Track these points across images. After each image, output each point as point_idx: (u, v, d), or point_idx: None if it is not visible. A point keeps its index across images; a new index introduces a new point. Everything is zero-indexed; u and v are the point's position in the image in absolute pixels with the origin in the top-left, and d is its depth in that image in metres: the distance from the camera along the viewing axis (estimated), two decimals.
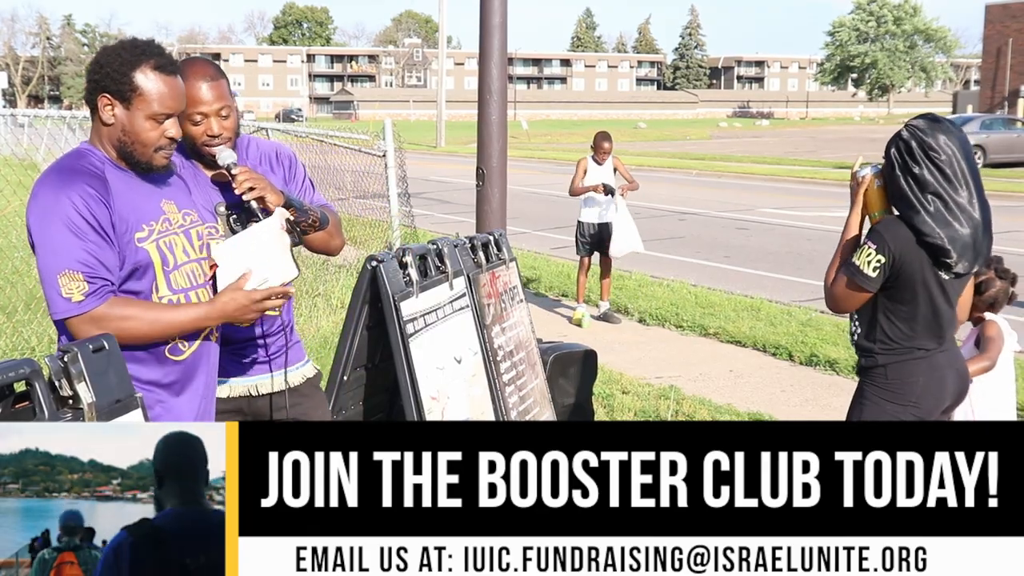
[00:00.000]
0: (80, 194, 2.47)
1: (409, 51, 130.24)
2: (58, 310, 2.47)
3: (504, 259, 4.71)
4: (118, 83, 2.57)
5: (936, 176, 3.10)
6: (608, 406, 6.41)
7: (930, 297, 3.20)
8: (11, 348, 6.87)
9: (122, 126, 2.58)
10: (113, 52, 2.60)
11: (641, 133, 60.99)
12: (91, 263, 2.46)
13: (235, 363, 3.17)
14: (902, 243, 3.15)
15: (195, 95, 2.87)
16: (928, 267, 3.16)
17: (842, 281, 3.28)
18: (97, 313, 2.46)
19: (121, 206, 2.54)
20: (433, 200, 20.30)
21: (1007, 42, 45.78)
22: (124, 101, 2.57)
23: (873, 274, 3.18)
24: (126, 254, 2.55)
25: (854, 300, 3.29)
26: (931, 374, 3.28)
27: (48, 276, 2.47)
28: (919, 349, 3.27)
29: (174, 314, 2.58)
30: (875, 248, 3.17)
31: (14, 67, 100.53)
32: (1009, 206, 18.07)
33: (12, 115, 27.14)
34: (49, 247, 2.47)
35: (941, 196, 3.10)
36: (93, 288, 2.46)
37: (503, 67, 6.28)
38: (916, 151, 3.12)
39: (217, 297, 2.68)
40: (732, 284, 11.12)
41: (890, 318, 3.27)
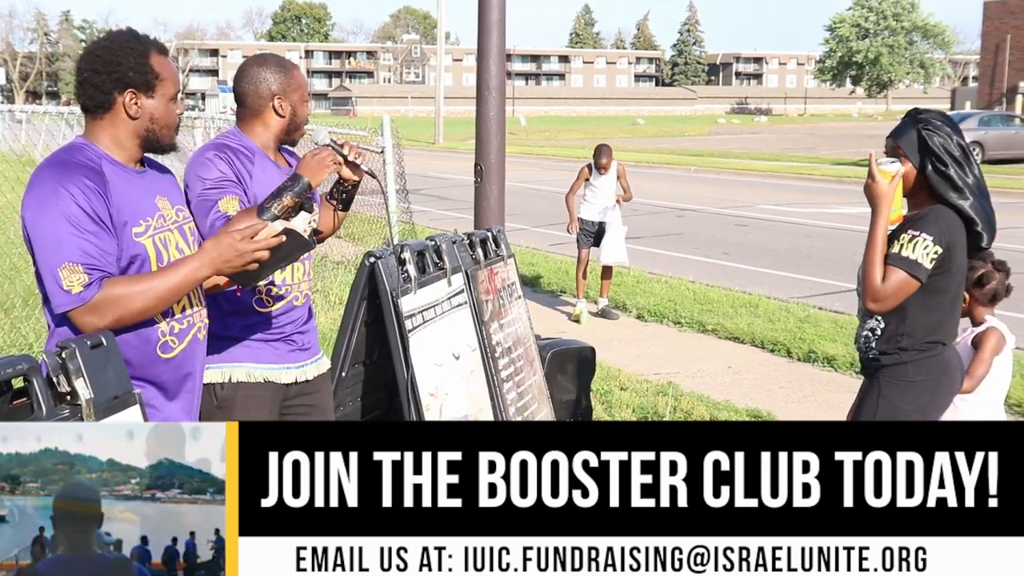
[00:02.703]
0: (77, 186, 2.47)
1: (407, 47, 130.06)
2: (59, 303, 2.45)
3: (502, 255, 4.71)
4: (142, 75, 2.59)
5: (960, 164, 3.20)
6: (606, 402, 6.41)
7: (962, 284, 3.27)
8: (9, 344, 6.87)
9: (149, 115, 2.63)
10: (122, 47, 2.59)
11: (639, 129, 60.94)
12: (91, 253, 2.46)
13: (290, 348, 3.24)
14: (955, 231, 3.18)
15: (303, 81, 3.22)
16: (964, 254, 3.22)
17: (898, 277, 3.17)
18: (95, 301, 2.45)
19: (118, 200, 2.54)
20: (431, 196, 20.29)
21: (1005, 38, 45.79)
22: (149, 91, 2.61)
23: (930, 265, 3.15)
24: (123, 247, 2.55)
25: (904, 295, 3.20)
26: (944, 372, 3.28)
27: (48, 269, 2.46)
28: (938, 344, 3.26)
29: (165, 278, 2.54)
30: (932, 239, 3.15)
31: (12, 63, 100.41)
32: (1008, 202, 18.08)
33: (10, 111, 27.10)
34: (48, 240, 2.46)
35: (971, 183, 3.19)
36: (92, 279, 2.46)
37: (501, 63, 6.27)
38: (939, 142, 3.20)
39: (202, 245, 2.66)
40: (730, 280, 11.12)
41: (926, 312, 3.24)
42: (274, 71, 3.15)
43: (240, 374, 3.14)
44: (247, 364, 3.15)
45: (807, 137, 49.70)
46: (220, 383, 3.12)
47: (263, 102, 3.14)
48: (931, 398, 3.26)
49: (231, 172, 3.02)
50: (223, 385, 3.12)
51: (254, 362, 3.16)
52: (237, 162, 3.05)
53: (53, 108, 14.95)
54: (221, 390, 3.12)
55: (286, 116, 3.17)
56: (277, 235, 2.63)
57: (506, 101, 6.51)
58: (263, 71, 3.15)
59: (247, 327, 3.15)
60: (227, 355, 3.13)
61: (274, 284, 3.15)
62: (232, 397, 3.13)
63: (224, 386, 3.12)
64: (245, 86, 3.16)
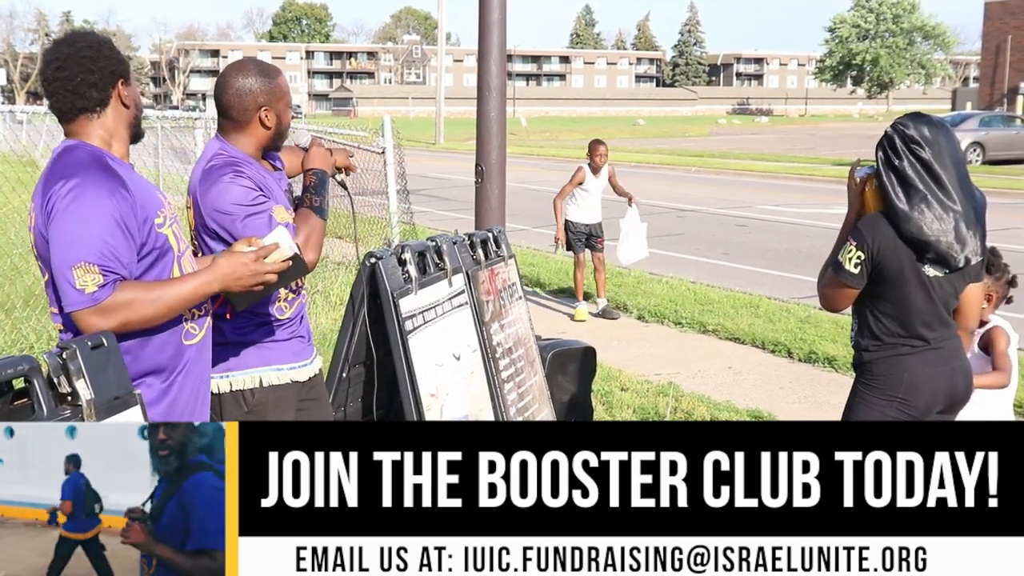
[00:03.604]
0: (101, 187, 2.48)
1: (408, 48, 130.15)
2: (71, 302, 2.44)
3: (503, 256, 4.71)
4: (122, 63, 2.67)
5: (918, 170, 3.13)
6: (607, 403, 6.41)
7: (915, 293, 3.20)
8: (10, 344, 6.87)
9: (135, 102, 2.70)
10: (93, 44, 2.64)
11: (640, 130, 60.94)
12: (107, 255, 2.45)
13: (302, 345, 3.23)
14: (882, 238, 3.18)
15: (286, 86, 3.16)
16: (911, 262, 3.17)
17: (828, 279, 3.35)
18: (105, 304, 2.44)
19: (137, 195, 2.55)
20: (432, 197, 20.29)
21: (1006, 39, 45.77)
22: (129, 78, 2.69)
23: (855, 270, 3.22)
24: (148, 240, 2.56)
25: (840, 297, 3.33)
26: (919, 370, 3.28)
27: (62, 268, 2.45)
28: (906, 345, 3.27)
29: (174, 289, 2.56)
30: (855, 244, 3.21)
31: (12, 64, 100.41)
32: (1008, 203, 18.08)
33: (11, 112, 27.09)
34: (68, 239, 2.45)
35: (924, 191, 3.12)
36: (107, 280, 2.45)
37: (502, 64, 6.27)
38: (899, 145, 3.16)
39: (214, 260, 2.67)
40: (731, 281, 11.12)
41: (876, 314, 3.30)
42: (258, 80, 3.05)
43: (271, 376, 3.10)
44: (275, 365, 3.11)
45: (808, 138, 49.70)
46: (251, 389, 3.07)
47: (249, 114, 3.05)
48: (901, 393, 3.27)
49: (254, 185, 2.99)
50: (254, 391, 3.08)
51: (281, 362, 3.12)
52: (249, 174, 3.02)
53: None
54: (252, 396, 3.07)
55: (272, 127, 3.09)
56: (287, 259, 2.67)
57: (507, 102, 6.51)
58: (247, 81, 3.04)
59: (271, 329, 3.12)
60: (255, 358, 3.09)
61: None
62: (264, 401, 3.08)
63: (255, 392, 3.07)
64: (229, 98, 3.05)
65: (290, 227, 2.96)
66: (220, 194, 2.95)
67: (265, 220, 2.94)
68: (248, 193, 2.95)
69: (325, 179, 3.21)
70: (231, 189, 2.95)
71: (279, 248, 2.66)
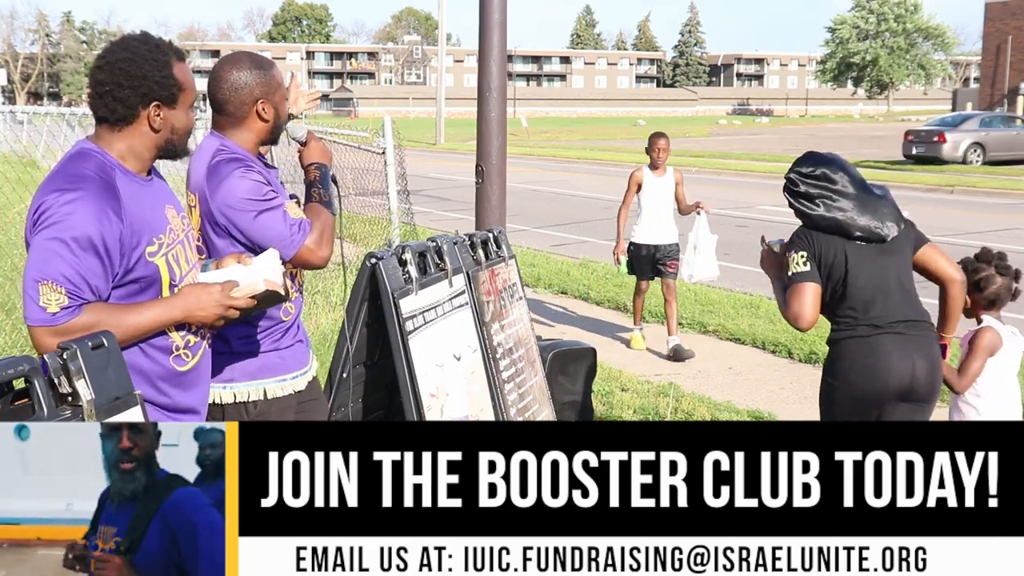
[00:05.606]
0: (91, 208, 2.40)
1: (408, 48, 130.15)
2: (30, 316, 2.39)
3: (503, 256, 4.71)
4: (167, 88, 2.54)
5: (816, 184, 3.65)
6: (607, 403, 6.41)
7: (860, 270, 3.52)
8: (10, 345, 6.87)
9: (171, 127, 2.58)
10: (144, 58, 2.52)
11: (641, 130, 60.80)
12: (77, 282, 2.38)
13: (303, 350, 3.20)
14: (814, 236, 3.61)
15: (281, 78, 3.09)
16: (845, 244, 3.54)
17: (787, 294, 3.59)
18: (63, 327, 2.37)
19: (132, 218, 2.47)
20: (432, 197, 20.29)
21: (1007, 39, 45.79)
22: (171, 103, 2.57)
23: (806, 267, 3.56)
24: (134, 268, 2.48)
25: (805, 304, 3.53)
26: (867, 352, 3.49)
27: (30, 279, 2.39)
28: (860, 327, 3.52)
29: (136, 316, 2.48)
30: (795, 251, 3.61)
31: (13, 64, 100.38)
32: (1008, 203, 18.06)
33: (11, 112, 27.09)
34: (44, 254, 2.39)
35: (826, 195, 3.62)
36: (72, 304, 2.38)
37: (502, 64, 6.27)
38: (795, 178, 3.72)
39: (180, 290, 2.58)
40: (731, 281, 11.12)
41: (834, 302, 3.58)
42: (253, 73, 2.99)
43: (275, 388, 3.07)
44: (279, 376, 3.08)
45: (808, 138, 49.63)
46: (254, 400, 3.04)
47: (245, 108, 3.00)
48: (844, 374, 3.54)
49: (264, 179, 2.96)
50: (256, 403, 3.04)
51: (284, 372, 3.09)
52: (258, 169, 2.98)
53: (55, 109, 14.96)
54: (254, 408, 3.04)
55: (270, 120, 3.04)
56: (253, 296, 2.61)
57: (507, 102, 6.51)
58: (241, 74, 2.98)
59: (276, 336, 3.09)
60: (259, 368, 3.05)
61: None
62: (267, 412, 3.05)
63: (258, 403, 3.04)
64: (225, 93, 2.99)
65: (304, 223, 2.95)
66: (232, 190, 2.89)
67: (280, 216, 2.91)
68: (260, 188, 2.91)
69: (327, 173, 3.18)
70: (242, 184, 2.89)
71: (251, 283, 2.60)
